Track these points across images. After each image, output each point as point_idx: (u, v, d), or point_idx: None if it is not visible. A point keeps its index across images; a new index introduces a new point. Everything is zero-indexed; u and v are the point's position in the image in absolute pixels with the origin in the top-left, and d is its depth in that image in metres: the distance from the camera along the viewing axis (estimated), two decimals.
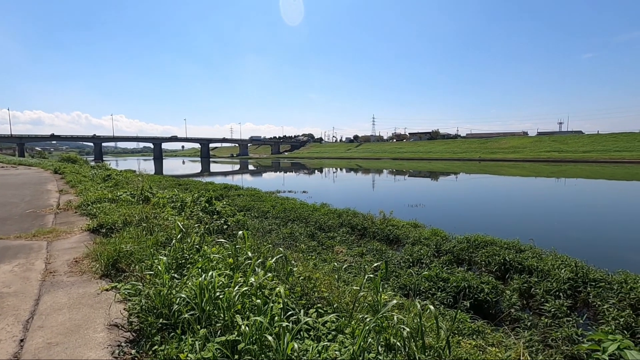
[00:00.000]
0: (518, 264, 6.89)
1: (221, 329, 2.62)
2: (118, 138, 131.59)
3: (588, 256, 7.10)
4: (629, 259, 8.74)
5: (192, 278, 3.24)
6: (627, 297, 5.37)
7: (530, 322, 5.15)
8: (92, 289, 3.75)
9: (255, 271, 3.39)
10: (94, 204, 8.24)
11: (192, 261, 3.95)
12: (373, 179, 37.98)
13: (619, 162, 50.53)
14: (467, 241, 8.27)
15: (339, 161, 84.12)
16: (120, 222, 6.16)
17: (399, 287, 6.20)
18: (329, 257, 7.49)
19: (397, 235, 9.53)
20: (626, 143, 61.11)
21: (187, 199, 9.29)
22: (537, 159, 61.58)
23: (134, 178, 16.01)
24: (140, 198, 9.17)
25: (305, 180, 38.18)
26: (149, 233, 5.34)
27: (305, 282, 3.56)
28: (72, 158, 35.27)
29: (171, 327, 2.81)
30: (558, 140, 74.67)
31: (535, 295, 5.93)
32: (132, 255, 4.33)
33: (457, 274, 6.52)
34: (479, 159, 69.08)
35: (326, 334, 2.77)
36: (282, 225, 10.72)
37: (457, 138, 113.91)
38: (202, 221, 7.28)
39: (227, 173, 52.03)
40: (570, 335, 4.51)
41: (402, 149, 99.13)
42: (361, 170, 52.89)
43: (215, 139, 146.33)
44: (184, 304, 2.88)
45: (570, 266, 6.35)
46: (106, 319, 3.08)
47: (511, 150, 73.13)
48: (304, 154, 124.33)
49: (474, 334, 4.16)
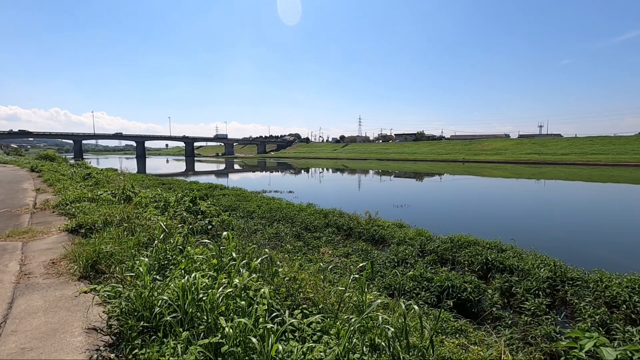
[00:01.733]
0: (500, 263, 7.05)
1: (204, 331, 2.58)
2: (99, 136, 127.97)
3: (566, 255, 7.33)
4: (604, 258, 9.05)
5: (175, 279, 3.18)
6: (602, 295, 5.56)
7: (511, 320, 5.27)
8: (69, 292, 3.63)
9: (239, 272, 3.35)
10: (72, 204, 7.99)
11: (175, 262, 3.87)
12: (359, 179, 38.18)
13: (595, 164, 52.31)
14: (451, 241, 8.40)
15: (325, 161, 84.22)
16: (100, 222, 5.99)
17: (384, 287, 6.25)
18: (315, 258, 7.48)
19: (382, 235, 9.60)
20: (602, 146, 63.35)
21: (171, 199, 9.13)
22: (518, 160, 63.12)
23: (116, 177, 15.62)
24: (121, 197, 8.94)
25: (291, 180, 38.07)
26: (130, 233, 5.21)
27: (291, 282, 3.54)
28: (50, 156, 34.11)
29: (152, 330, 2.74)
30: (538, 142, 76.77)
31: (516, 294, 6.08)
32: (112, 256, 4.21)
33: (441, 273, 6.62)
34: (462, 160, 70.35)
35: (311, 335, 2.76)
36: (268, 225, 10.65)
37: (442, 139, 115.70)
38: (185, 221, 7.16)
39: (212, 172, 51.37)
40: (549, 333, 4.64)
41: (388, 150, 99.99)
42: (347, 170, 53.10)
43: (200, 138, 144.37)
44: (166, 306, 2.81)
45: (549, 265, 6.53)
46: (84, 323, 2.99)
47: (494, 152, 74.74)
48: (291, 154, 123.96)
49: (457, 333, 4.22)
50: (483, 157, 70.62)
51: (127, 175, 17.04)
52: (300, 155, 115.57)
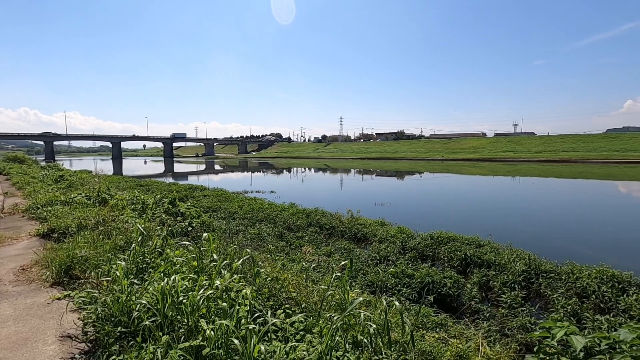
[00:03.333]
0: (478, 258, 7.25)
1: (185, 334, 2.53)
2: (72, 136, 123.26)
3: (540, 249, 7.62)
4: (575, 251, 9.46)
5: (154, 283, 3.11)
6: (573, 287, 5.82)
7: (489, 313, 5.44)
8: (41, 299, 3.48)
9: (221, 274, 3.31)
10: (44, 207, 7.67)
11: (153, 265, 3.79)
12: (341, 178, 38.37)
13: (566, 161, 54.55)
14: (431, 238, 8.58)
15: (307, 161, 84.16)
16: (74, 226, 5.78)
17: (367, 284, 6.31)
18: (298, 257, 7.47)
19: (364, 233, 9.69)
20: (572, 144, 66.22)
21: (149, 201, 8.90)
22: (494, 158, 65.07)
23: (90, 179, 15.08)
24: (97, 200, 8.65)
25: (273, 180, 37.85)
26: (106, 237, 5.05)
27: (273, 283, 3.53)
28: (19, 157, 32.59)
29: (131, 335, 2.67)
30: (513, 141, 79.41)
31: (494, 287, 6.27)
32: (87, 261, 4.07)
33: (422, 270, 6.74)
34: (441, 158, 71.89)
35: (294, 334, 2.76)
36: (250, 226, 10.56)
37: (422, 138, 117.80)
38: (165, 223, 7.00)
39: (192, 173, 50.43)
40: (525, 324, 4.82)
41: (369, 149, 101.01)
42: (329, 170, 53.26)
43: (179, 138, 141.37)
44: (144, 310, 2.75)
45: (525, 259, 6.78)
46: (58, 330, 2.88)
47: (471, 150, 76.77)
48: (272, 154, 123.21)
49: (437, 327, 4.32)
50: (462, 156, 72.41)
51: (102, 177, 16.46)
52: (282, 155, 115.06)
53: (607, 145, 60.36)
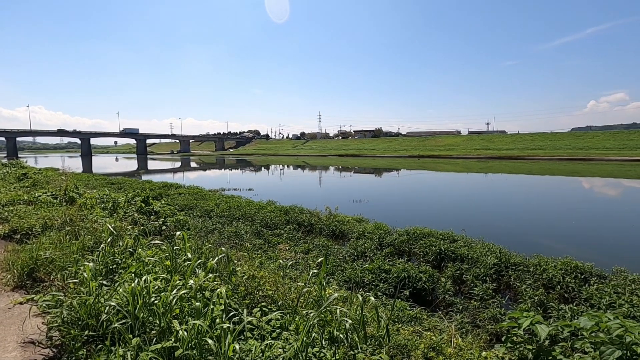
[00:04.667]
0: (452, 252, 7.46)
1: (157, 336, 2.47)
2: (36, 132, 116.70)
3: (510, 243, 7.94)
4: (542, 244, 9.90)
5: (125, 284, 3.01)
6: (540, 278, 6.10)
7: (462, 305, 5.61)
8: (1, 303, 3.29)
9: (195, 273, 3.24)
10: (5, 207, 7.24)
11: (124, 266, 3.66)
12: (320, 175, 38.44)
13: (535, 159, 56.98)
14: (407, 234, 8.75)
15: (286, 158, 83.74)
16: (38, 226, 5.51)
17: (344, 280, 6.36)
18: (275, 255, 7.43)
19: (342, 230, 9.76)
20: (540, 142, 69.20)
21: (120, 199, 8.60)
22: (468, 155, 67.06)
23: (57, 177, 14.38)
24: (63, 199, 8.27)
25: (251, 177, 37.43)
26: (74, 237, 4.84)
27: (250, 281, 3.49)
28: None
29: (99, 338, 2.57)
30: (486, 139, 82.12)
31: (467, 280, 6.48)
32: (52, 262, 3.88)
33: (398, 265, 6.87)
34: (418, 156, 73.35)
35: (270, 332, 2.74)
36: (227, 224, 10.40)
37: (399, 136, 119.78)
38: (137, 222, 6.78)
39: (167, 171, 49.08)
40: (495, 315, 5.01)
41: (348, 146, 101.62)
42: (308, 167, 53.23)
43: (153, 134, 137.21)
44: (114, 312, 2.65)
45: (496, 253, 7.04)
46: (20, 336, 2.73)
47: (446, 147, 78.75)
48: (250, 151, 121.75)
49: (412, 321, 4.41)
50: (437, 153, 74.16)
51: (70, 175, 15.74)
52: (260, 152, 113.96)
53: (572, 143, 63.49)
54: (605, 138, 63.22)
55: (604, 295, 5.23)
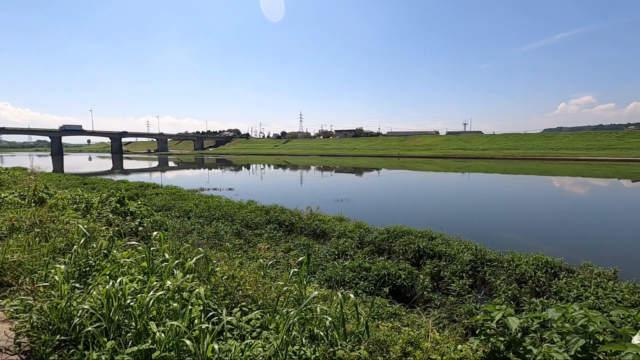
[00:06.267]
0: (430, 250, 7.63)
1: (133, 338, 2.41)
2: (3, 130, 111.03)
3: (486, 240, 8.20)
4: (515, 240, 10.27)
5: (98, 286, 2.92)
6: (514, 273, 6.34)
7: (440, 301, 5.76)
8: None
9: (173, 274, 3.18)
10: None
11: (98, 268, 3.55)
12: (301, 175, 38.39)
13: (509, 158, 59.02)
14: (387, 232, 8.88)
15: (266, 157, 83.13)
16: (5, 228, 5.25)
17: (325, 279, 6.39)
18: (256, 255, 7.38)
19: (323, 229, 9.79)
20: (515, 142, 71.69)
21: (94, 200, 8.32)
22: (446, 155, 68.68)
23: (25, 177, 13.74)
24: (32, 199, 7.91)
25: (231, 177, 36.95)
26: (44, 239, 4.64)
27: (229, 281, 3.46)
28: None
29: (72, 343, 2.49)
30: (463, 139, 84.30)
31: (444, 277, 6.65)
32: (21, 265, 3.72)
33: (378, 263, 6.96)
34: (398, 155, 74.47)
35: (250, 332, 2.73)
36: (207, 224, 10.24)
37: (379, 136, 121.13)
38: (112, 223, 6.58)
39: (144, 170, 47.75)
40: (471, 310, 5.17)
41: (329, 146, 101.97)
42: (289, 166, 53.05)
43: (129, 133, 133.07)
44: (87, 315, 2.57)
45: (472, 250, 7.25)
46: None
47: (425, 147, 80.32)
48: (230, 150, 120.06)
49: (391, 317, 4.49)
50: (416, 153, 75.55)
51: (39, 175, 15.06)
52: (240, 151, 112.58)
53: (544, 144, 66.10)
54: (574, 139, 66.20)
55: (572, 289, 5.49)
